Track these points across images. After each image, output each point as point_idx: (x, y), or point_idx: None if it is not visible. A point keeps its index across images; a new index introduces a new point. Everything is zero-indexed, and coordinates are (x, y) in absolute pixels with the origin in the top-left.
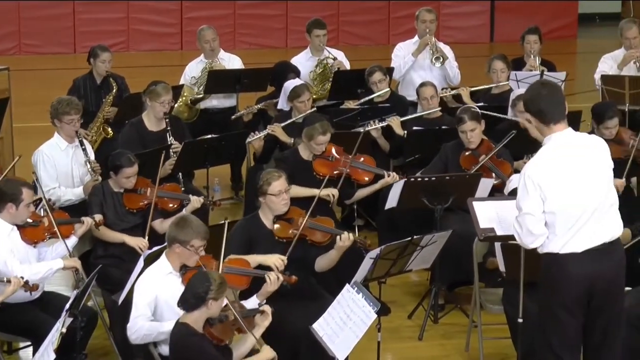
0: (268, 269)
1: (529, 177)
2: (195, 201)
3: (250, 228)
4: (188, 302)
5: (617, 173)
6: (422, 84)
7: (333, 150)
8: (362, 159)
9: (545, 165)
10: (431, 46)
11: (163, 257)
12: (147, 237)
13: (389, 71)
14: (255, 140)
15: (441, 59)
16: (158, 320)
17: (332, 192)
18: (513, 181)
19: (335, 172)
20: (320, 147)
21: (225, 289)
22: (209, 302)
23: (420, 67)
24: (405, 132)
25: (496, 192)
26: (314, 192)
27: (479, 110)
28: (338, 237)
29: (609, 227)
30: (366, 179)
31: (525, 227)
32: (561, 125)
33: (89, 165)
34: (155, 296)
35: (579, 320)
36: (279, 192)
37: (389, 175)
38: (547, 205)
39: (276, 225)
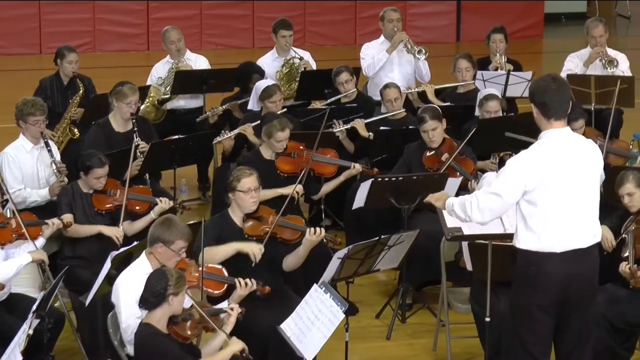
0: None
1: (520, 167)
2: (165, 203)
3: (220, 226)
4: (148, 301)
5: None
6: (386, 86)
7: (295, 147)
8: (324, 152)
9: (539, 159)
10: (407, 42)
11: (143, 256)
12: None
13: (356, 71)
14: (226, 139)
15: (424, 51)
16: None
17: (296, 190)
18: (487, 179)
19: (299, 169)
20: (281, 144)
21: (184, 283)
22: (169, 298)
23: (389, 65)
24: (371, 134)
25: (461, 191)
26: (279, 191)
27: (439, 109)
28: (307, 231)
29: (590, 231)
30: (330, 171)
31: (486, 205)
32: (561, 123)
33: (54, 166)
34: (138, 296)
35: (552, 319)
36: (248, 189)
37: (353, 167)
38: (531, 199)
39: (246, 224)
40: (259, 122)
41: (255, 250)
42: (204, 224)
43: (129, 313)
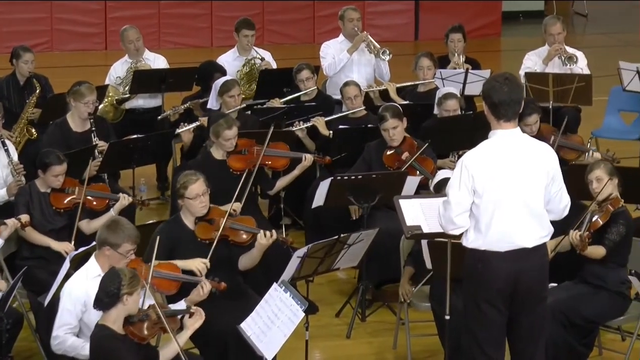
0: (192, 273)
1: (465, 167)
2: (125, 199)
3: (172, 231)
4: (102, 301)
5: None
6: (346, 84)
7: (245, 144)
8: (275, 146)
9: (483, 159)
10: (369, 42)
11: (92, 259)
12: (74, 238)
13: (316, 70)
14: (185, 131)
15: (387, 52)
16: (87, 324)
17: (233, 207)
18: (439, 175)
19: (251, 165)
20: (230, 143)
21: (138, 282)
22: (123, 297)
23: (349, 65)
24: (331, 132)
25: (421, 189)
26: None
27: (400, 108)
28: (259, 235)
29: (537, 232)
30: (282, 164)
31: (449, 215)
32: (510, 124)
33: (11, 167)
34: (84, 301)
35: (503, 316)
36: (197, 195)
37: (304, 158)
38: (477, 199)
39: (197, 227)
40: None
41: (200, 266)
42: (158, 229)
43: (62, 322)
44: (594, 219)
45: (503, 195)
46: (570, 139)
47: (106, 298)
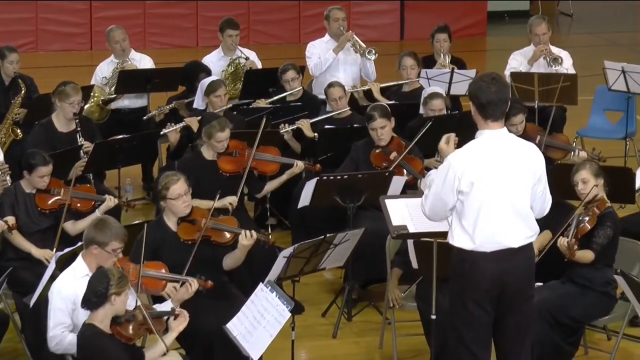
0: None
1: (452, 168)
2: (110, 201)
3: (155, 232)
4: (90, 301)
5: None
6: (330, 85)
7: (236, 146)
8: (266, 150)
9: (471, 159)
10: (354, 42)
11: (80, 259)
12: (59, 239)
13: (302, 70)
14: (172, 131)
15: (373, 51)
16: (76, 323)
17: (229, 201)
18: (431, 176)
19: (241, 168)
20: (222, 145)
21: (127, 283)
22: (111, 297)
23: (335, 65)
24: (316, 134)
25: (408, 189)
26: (211, 204)
27: (388, 108)
28: (240, 236)
29: (523, 232)
30: (272, 169)
31: (429, 204)
32: (497, 124)
33: None
34: (73, 300)
35: (490, 316)
36: (178, 195)
37: (295, 165)
38: (463, 197)
39: (180, 228)
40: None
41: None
42: (141, 232)
43: (56, 321)
44: (581, 224)
45: (490, 195)
46: (556, 138)
47: (94, 298)
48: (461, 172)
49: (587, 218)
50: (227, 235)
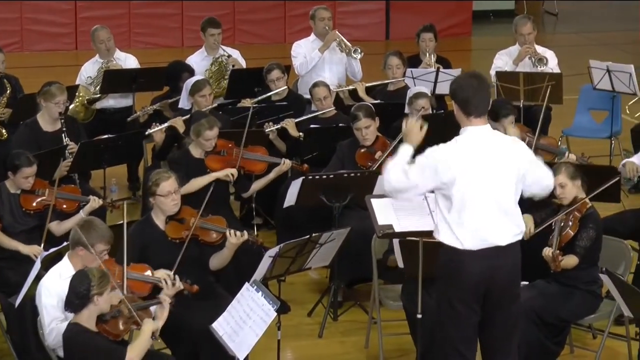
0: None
1: (434, 160)
2: (95, 201)
3: (143, 231)
4: (73, 303)
5: None
6: (315, 85)
7: (224, 145)
8: (254, 150)
9: (454, 154)
10: (340, 41)
11: (65, 259)
12: (44, 240)
13: (287, 69)
14: (157, 131)
15: (359, 50)
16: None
17: (230, 172)
18: None
19: (229, 166)
20: (210, 143)
21: (108, 282)
22: (94, 298)
23: (321, 64)
24: (301, 134)
25: None
26: (213, 176)
27: (372, 107)
28: (228, 234)
29: (510, 229)
30: (260, 168)
31: (397, 177)
32: (480, 120)
33: None
34: (62, 298)
35: (477, 314)
36: (168, 192)
37: (283, 162)
38: (447, 193)
39: (168, 226)
40: (189, 116)
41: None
42: (129, 231)
43: (51, 317)
44: (563, 232)
45: (473, 191)
46: (545, 140)
47: (76, 300)
48: (441, 166)
49: (569, 224)
50: (216, 234)
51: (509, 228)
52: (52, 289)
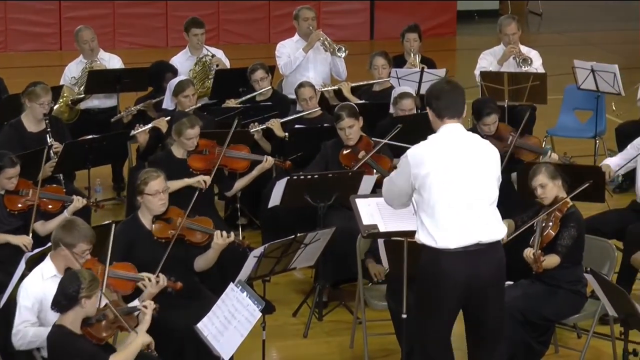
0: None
1: (409, 157)
2: (78, 201)
3: (129, 230)
4: (60, 303)
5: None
6: (300, 85)
7: (206, 144)
8: (236, 148)
9: (427, 151)
10: (324, 40)
11: (48, 259)
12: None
13: (271, 70)
14: (141, 132)
15: (343, 49)
16: (43, 324)
17: (202, 179)
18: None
19: (212, 165)
20: (191, 142)
21: (97, 286)
22: (82, 300)
23: (305, 64)
24: (286, 134)
25: (377, 188)
26: (185, 181)
27: (356, 107)
28: (215, 235)
29: (486, 227)
30: (243, 166)
31: (386, 187)
32: (453, 121)
33: None
34: (40, 300)
35: (454, 315)
36: (156, 191)
37: (265, 160)
38: (421, 191)
39: (155, 226)
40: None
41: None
42: (115, 231)
43: (22, 319)
44: (545, 232)
45: (447, 188)
46: (528, 140)
47: (64, 300)
48: (415, 163)
49: (550, 224)
50: (202, 235)
51: (489, 226)
52: (31, 291)
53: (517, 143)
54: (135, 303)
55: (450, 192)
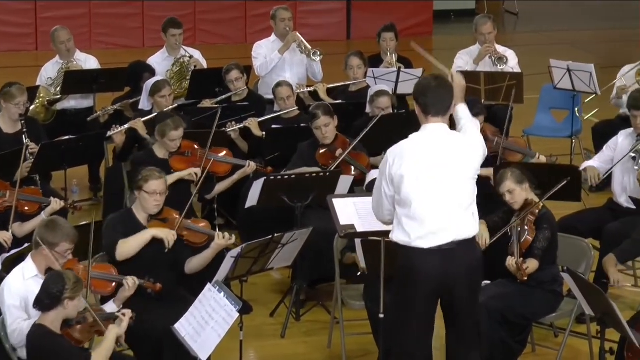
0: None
1: (387, 156)
2: (56, 203)
3: (125, 222)
4: (43, 302)
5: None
6: (278, 84)
7: (188, 146)
8: (218, 151)
9: (405, 149)
10: (300, 42)
11: (29, 259)
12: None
13: (247, 70)
14: (117, 134)
15: (319, 53)
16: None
17: (193, 171)
18: (370, 176)
19: (193, 167)
20: (175, 144)
21: (81, 288)
22: (64, 301)
23: (282, 65)
24: (264, 133)
25: (356, 185)
26: (176, 176)
27: (330, 106)
28: (216, 236)
29: (461, 226)
30: (224, 170)
31: (374, 199)
32: (437, 119)
33: None
34: (26, 298)
35: (430, 313)
36: (154, 192)
37: (248, 165)
38: (398, 189)
39: (151, 224)
40: (149, 116)
41: (169, 236)
42: (110, 219)
43: (14, 317)
44: (522, 238)
45: (423, 187)
46: (513, 140)
47: (47, 300)
48: (392, 160)
49: (526, 229)
50: (202, 236)
51: (464, 225)
52: (15, 289)
53: (504, 144)
54: (111, 306)
55: (426, 189)
